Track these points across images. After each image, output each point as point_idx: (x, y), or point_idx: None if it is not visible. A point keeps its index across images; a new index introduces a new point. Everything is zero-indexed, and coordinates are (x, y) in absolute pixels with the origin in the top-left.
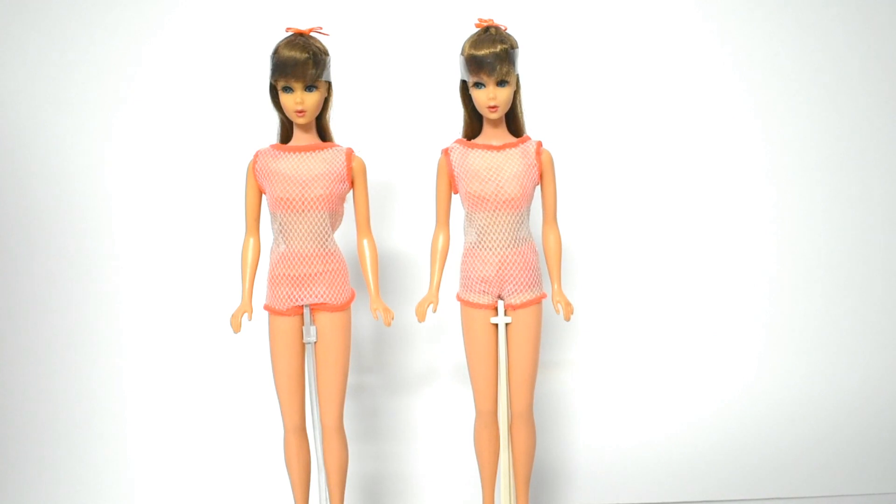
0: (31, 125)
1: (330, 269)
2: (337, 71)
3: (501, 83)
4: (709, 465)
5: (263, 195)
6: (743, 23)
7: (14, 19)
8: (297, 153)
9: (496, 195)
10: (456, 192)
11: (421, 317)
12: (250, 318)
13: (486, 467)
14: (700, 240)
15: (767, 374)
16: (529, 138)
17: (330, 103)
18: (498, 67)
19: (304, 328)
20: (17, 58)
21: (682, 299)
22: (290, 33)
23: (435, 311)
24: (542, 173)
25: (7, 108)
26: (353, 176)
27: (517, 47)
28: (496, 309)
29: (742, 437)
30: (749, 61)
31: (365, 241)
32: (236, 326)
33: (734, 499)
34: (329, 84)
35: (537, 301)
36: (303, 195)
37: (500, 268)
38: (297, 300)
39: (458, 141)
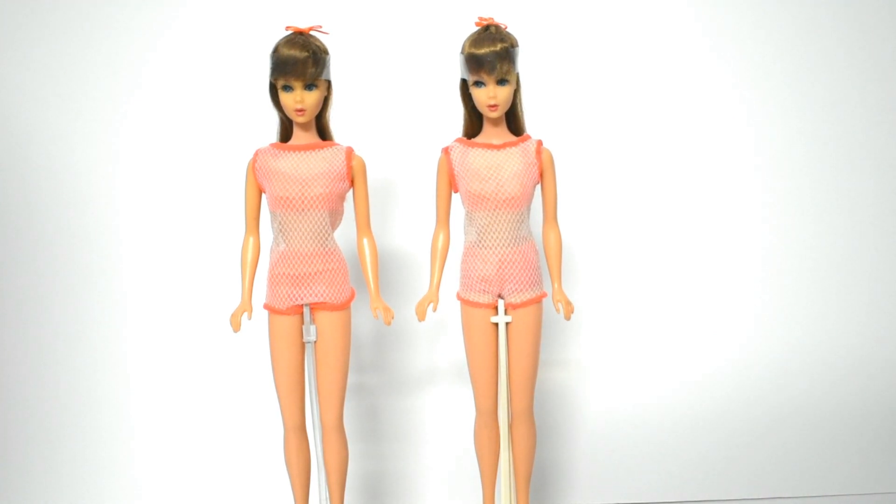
0: (33, 125)
1: (330, 268)
2: (337, 70)
3: (501, 82)
4: (710, 465)
5: (263, 194)
6: (742, 23)
7: (18, 19)
8: (296, 152)
9: (496, 194)
10: (456, 191)
11: (421, 316)
12: (250, 318)
13: (486, 467)
14: (700, 239)
15: (771, 376)
16: (530, 137)
17: (330, 102)
18: (498, 66)
19: (303, 327)
20: (20, 58)
21: (684, 299)
22: (289, 32)
23: (435, 310)
24: (543, 172)
25: (10, 108)
26: (352, 175)
27: (517, 46)
28: (496, 308)
29: (744, 439)
30: (748, 60)
31: (365, 240)
32: (236, 326)
33: (735, 499)
34: (329, 83)
35: (538, 300)
36: (303, 194)
37: (500, 267)
38: (296, 299)
39: (458, 140)
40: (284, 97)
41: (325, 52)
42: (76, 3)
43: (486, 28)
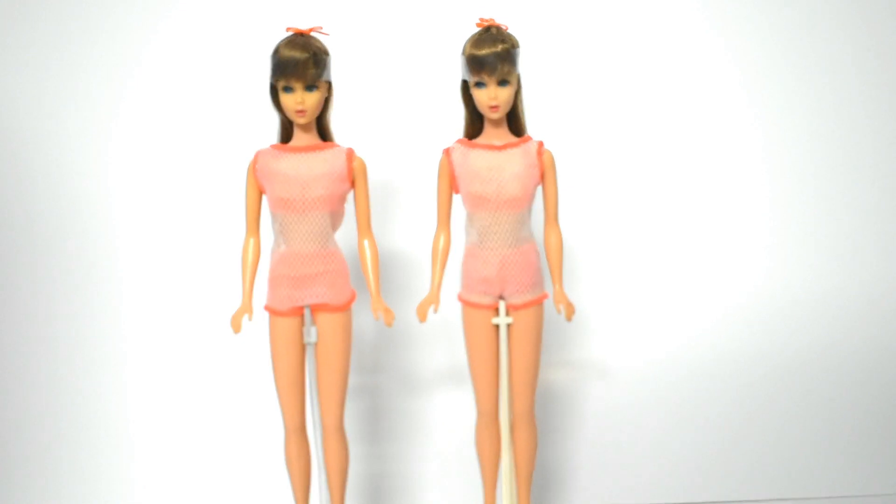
0: (31, 126)
1: (331, 269)
2: (338, 71)
3: (502, 83)
4: (711, 467)
5: (264, 195)
6: (744, 23)
7: (15, 19)
8: (297, 153)
9: (497, 195)
10: (457, 192)
11: (422, 317)
12: (250, 319)
13: (487, 468)
14: (702, 241)
15: (775, 380)
16: (531, 138)
17: (330, 103)
18: (499, 67)
19: (304, 329)
20: (17, 58)
21: (685, 301)
22: (290, 33)
23: (436, 311)
24: (544, 173)
25: (8, 109)
26: (353, 176)
27: (518, 47)
28: (497, 309)
29: (746, 441)
30: (748, 60)
31: (366, 242)
32: (237, 327)
33: (736, 500)
34: (330, 84)
35: (539, 301)
36: (303, 195)
37: (501, 268)
38: (297, 301)
39: (459, 141)
40: (285, 98)
41: (326, 53)
42: (74, 2)
43: (487, 29)
